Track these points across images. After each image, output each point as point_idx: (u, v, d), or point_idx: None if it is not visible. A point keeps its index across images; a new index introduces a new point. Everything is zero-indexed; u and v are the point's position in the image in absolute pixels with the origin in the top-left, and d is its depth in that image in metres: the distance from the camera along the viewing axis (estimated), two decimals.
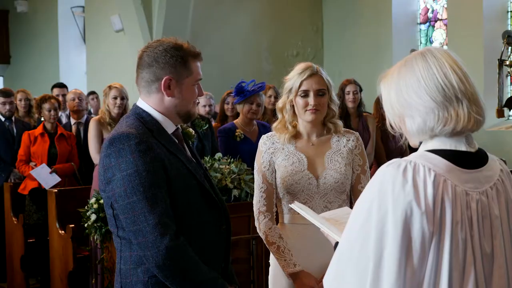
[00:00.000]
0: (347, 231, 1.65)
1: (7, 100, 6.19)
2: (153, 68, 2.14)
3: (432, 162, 1.61)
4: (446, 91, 1.62)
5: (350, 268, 1.60)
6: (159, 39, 2.23)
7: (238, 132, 4.78)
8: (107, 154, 2.01)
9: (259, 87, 4.85)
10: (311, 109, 2.70)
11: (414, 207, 1.54)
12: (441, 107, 1.62)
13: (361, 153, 2.79)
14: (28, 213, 5.57)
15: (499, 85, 6.81)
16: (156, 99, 2.15)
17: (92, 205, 4.24)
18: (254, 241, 4.07)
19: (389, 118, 1.74)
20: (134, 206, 1.96)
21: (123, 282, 2.08)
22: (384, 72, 1.79)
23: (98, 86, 8.21)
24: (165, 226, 1.95)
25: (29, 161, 5.67)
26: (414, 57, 1.70)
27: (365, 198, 1.62)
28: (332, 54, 8.86)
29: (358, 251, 1.58)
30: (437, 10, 8.18)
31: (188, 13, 7.63)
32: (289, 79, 2.78)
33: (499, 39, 6.95)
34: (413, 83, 1.65)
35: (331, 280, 1.66)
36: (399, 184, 1.56)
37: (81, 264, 4.70)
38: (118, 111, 5.18)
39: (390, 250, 1.54)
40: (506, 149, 6.91)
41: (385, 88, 1.73)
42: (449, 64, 1.66)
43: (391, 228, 1.54)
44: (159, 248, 1.94)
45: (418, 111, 1.63)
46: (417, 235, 1.54)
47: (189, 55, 2.16)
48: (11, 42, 12.51)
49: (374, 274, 1.55)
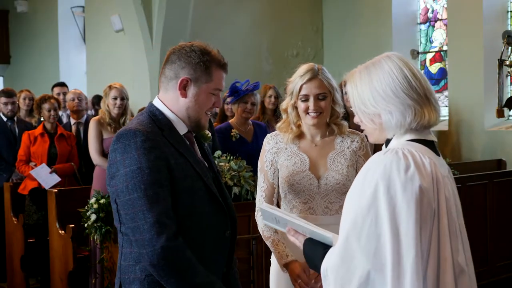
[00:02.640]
0: (350, 217, 1.74)
1: (9, 100, 6.19)
2: (175, 65, 2.13)
3: (419, 149, 1.81)
4: (419, 90, 1.83)
5: (360, 250, 1.70)
6: (192, 41, 2.20)
7: (233, 132, 4.80)
8: (113, 149, 2.02)
9: (253, 86, 4.86)
10: (312, 113, 2.70)
11: (422, 187, 1.72)
12: (417, 104, 1.81)
13: (365, 155, 2.77)
14: (28, 213, 5.57)
15: (499, 85, 6.81)
16: (172, 98, 2.15)
17: (92, 205, 4.24)
18: (254, 241, 4.08)
19: (358, 113, 1.90)
20: (134, 202, 1.96)
21: (122, 278, 2.08)
22: (348, 72, 1.95)
23: (98, 86, 8.21)
24: (163, 225, 1.94)
25: (29, 161, 5.67)
26: (382, 59, 1.88)
27: (364, 184, 1.75)
28: (332, 54, 8.86)
29: (367, 234, 1.70)
30: (437, 10, 8.18)
31: (188, 13, 7.63)
32: (291, 82, 2.76)
33: (499, 39, 6.95)
34: (388, 82, 1.82)
35: (338, 265, 1.73)
36: (403, 167, 1.73)
37: (81, 264, 4.70)
38: (118, 111, 5.18)
39: (406, 227, 1.68)
40: (506, 149, 6.91)
41: (356, 86, 1.88)
42: (413, 66, 1.88)
43: (404, 207, 1.69)
44: (154, 247, 1.93)
45: (396, 107, 1.81)
46: (426, 210, 1.72)
47: (214, 62, 2.15)
48: (11, 42, 12.50)
49: (394, 250, 1.67)
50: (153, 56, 7.75)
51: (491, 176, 5.79)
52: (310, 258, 1.93)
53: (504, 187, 5.86)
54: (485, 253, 5.57)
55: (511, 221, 5.83)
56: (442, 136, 7.48)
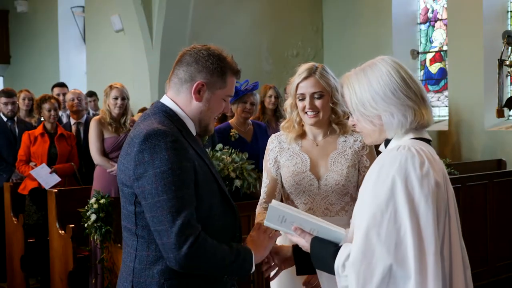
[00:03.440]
0: (368, 213, 1.77)
1: (9, 100, 6.19)
2: (191, 68, 2.09)
3: (426, 147, 1.86)
4: (416, 92, 1.87)
5: (380, 245, 1.73)
6: (206, 44, 2.17)
7: (232, 132, 4.80)
8: (140, 150, 1.94)
9: (252, 86, 4.86)
10: (309, 112, 2.69)
11: (437, 181, 1.78)
12: (415, 104, 1.85)
13: (369, 154, 2.75)
14: (28, 213, 5.57)
15: (499, 85, 6.81)
16: (184, 100, 2.11)
17: (92, 205, 4.25)
18: None
19: (356, 115, 1.93)
20: (163, 204, 1.90)
21: (135, 281, 2.03)
22: (344, 75, 1.97)
23: (98, 86, 8.21)
24: (191, 228, 1.91)
25: (29, 161, 5.67)
26: (377, 61, 1.92)
27: (379, 180, 1.78)
28: (332, 54, 8.86)
29: (387, 228, 1.74)
30: (437, 10, 8.18)
31: (188, 13, 7.63)
32: (291, 82, 2.76)
33: (499, 39, 6.95)
34: (387, 83, 1.85)
35: (360, 260, 1.76)
36: (418, 163, 1.77)
37: (81, 264, 4.71)
38: (119, 111, 5.18)
39: (426, 221, 1.73)
40: (506, 149, 6.91)
41: (354, 88, 1.91)
42: (407, 68, 1.91)
43: (423, 201, 1.74)
44: (182, 250, 1.89)
45: (397, 108, 1.85)
46: (440, 205, 1.78)
47: (229, 69, 2.13)
48: (11, 42, 12.50)
49: (415, 244, 1.71)
50: (153, 56, 7.75)
51: (491, 176, 5.78)
52: (319, 257, 1.94)
53: (504, 187, 5.85)
54: (485, 253, 5.56)
55: (511, 221, 5.83)
56: (442, 136, 7.48)
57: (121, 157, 2.06)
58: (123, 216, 2.09)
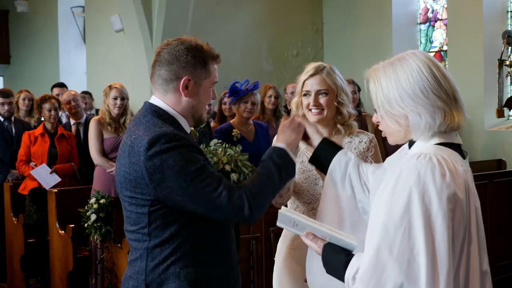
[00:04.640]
0: (380, 225, 1.64)
1: (6, 100, 6.19)
2: (173, 66, 2.10)
3: (451, 155, 1.70)
4: (448, 91, 1.71)
5: (392, 262, 1.61)
6: (179, 37, 2.18)
7: (234, 132, 4.79)
8: (148, 157, 1.95)
9: (253, 86, 4.86)
10: (313, 109, 2.69)
11: (457, 196, 1.63)
12: (446, 105, 1.70)
13: (373, 156, 2.75)
14: (28, 213, 5.57)
15: (499, 85, 6.81)
16: (173, 99, 2.11)
17: (92, 205, 4.25)
18: (254, 241, 4.07)
19: (381, 112, 1.79)
20: (200, 189, 1.95)
21: (148, 279, 2.04)
22: (371, 68, 1.83)
23: (98, 86, 8.22)
24: (234, 191, 1.98)
25: (29, 161, 5.67)
26: (407, 56, 1.75)
27: (396, 191, 1.64)
28: (332, 54, 8.86)
29: (400, 245, 1.60)
30: (437, 10, 8.18)
31: (188, 13, 7.63)
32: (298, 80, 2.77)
33: (499, 39, 6.95)
34: (417, 81, 1.70)
35: (370, 275, 1.64)
36: (438, 175, 1.62)
37: (81, 264, 4.71)
38: (119, 111, 5.18)
39: (441, 239, 1.60)
40: (506, 149, 6.91)
41: (381, 84, 1.76)
42: (440, 65, 1.75)
43: (440, 217, 1.60)
44: (244, 213, 1.98)
45: (425, 109, 1.69)
46: (459, 221, 1.64)
47: (209, 57, 2.14)
48: (11, 42, 12.51)
49: (428, 263, 1.58)
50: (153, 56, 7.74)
51: (491, 176, 5.78)
52: (331, 265, 1.84)
53: (504, 187, 5.85)
54: None
55: (511, 221, 5.83)
56: None
57: (121, 165, 2.06)
58: (129, 221, 2.09)
